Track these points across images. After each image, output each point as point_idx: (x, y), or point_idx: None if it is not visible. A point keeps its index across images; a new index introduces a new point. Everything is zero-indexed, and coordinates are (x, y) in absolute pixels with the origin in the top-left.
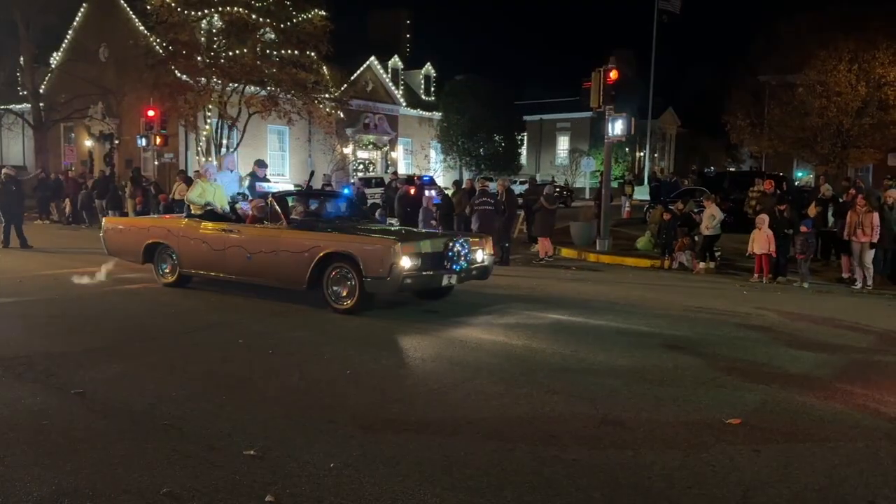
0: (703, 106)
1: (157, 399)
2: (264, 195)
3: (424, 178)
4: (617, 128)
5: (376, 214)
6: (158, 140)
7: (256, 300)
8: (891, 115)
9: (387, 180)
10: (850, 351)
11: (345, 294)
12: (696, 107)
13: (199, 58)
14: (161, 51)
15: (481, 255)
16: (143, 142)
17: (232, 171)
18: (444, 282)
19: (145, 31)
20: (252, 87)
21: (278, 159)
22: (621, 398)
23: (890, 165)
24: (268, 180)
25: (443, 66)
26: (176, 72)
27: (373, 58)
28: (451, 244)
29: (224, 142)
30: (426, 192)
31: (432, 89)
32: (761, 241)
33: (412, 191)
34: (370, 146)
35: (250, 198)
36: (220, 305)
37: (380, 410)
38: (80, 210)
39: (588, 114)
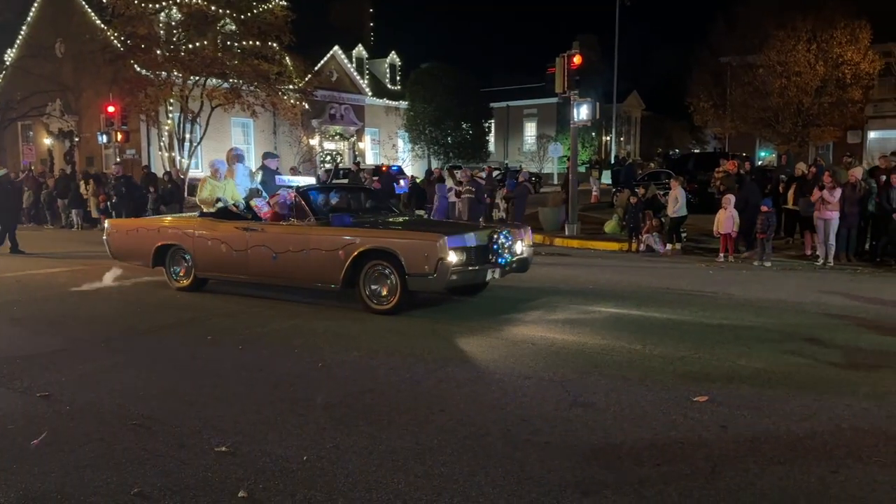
0: (666, 89)
1: (125, 399)
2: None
3: (393, 168)
4: (582, 112)
5: None
6: (119, 136)
7: (224, 296)
8: (849, 94)
9: (354, 171)
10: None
11: (385, 293)
12: (659, 90)
13: (158, 51)
14: (119, 45)
15: (520, 247)
16: (104, 139)
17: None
18: (489, 276)
19: (102, 26)
20: (214, 80)
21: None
22: (591, 380)
23: (850, 143)
24: (279, 172)
25: (408, 55)
26: (135, 66)
27: (336, 47)
28: (495, 236)
29: (187, 136)
30: (399, 183)
31: (398, 78)
32: (726, 221)
33: (377, 184)
34: (337, 137)
35: (263, 193)
36: (188, 302)
37: (353, 401)
38: (43, 210)
39: (554, 99)
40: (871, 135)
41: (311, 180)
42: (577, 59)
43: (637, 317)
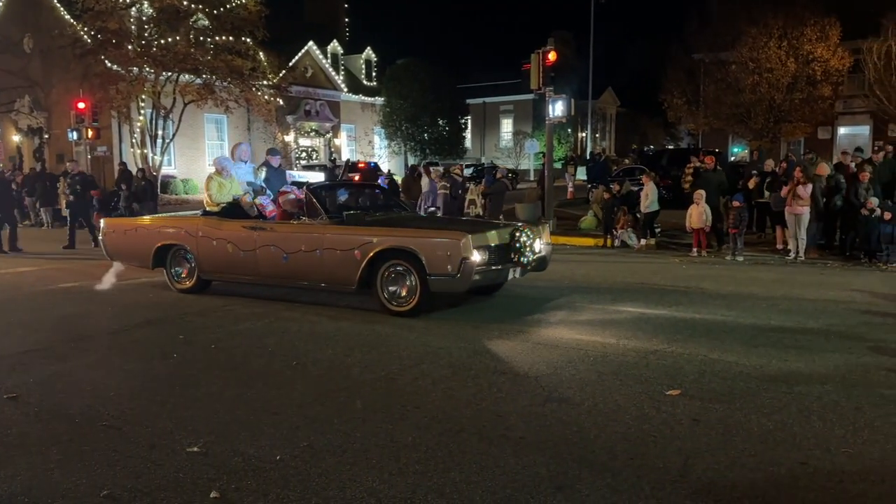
0: (641, 85)
1: (95, 399)
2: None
3: (370, 165)
4: (557, 109)
5: None
6: (90, 133)
7: (197, 295)
8: (819, 90)
9: (329, 167)
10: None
11: (404, 294)
12: (634, 86)
13: (129, 46)
14: (89, 40)
15: (539, 245)
16: (75, 135)
17: (246, 162)
18: (510, 276)
19: (71, 21)
20: (186, 76)
21: (217, 149)
22: (565, 374)
23: (820, 139)
24: (283, 169)
25: (384, 51)
26: (106, 62)
27: (311, 43)
28: (517, 234)
29: (160, 133)
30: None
31: (374, 74)
32: (698, 216)
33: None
34: (312, 133)
35: (268, 191)
36: (159, 301)
37: (327, 399)
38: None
39: (530, 96)
40: (841, 130)
41: (321, 177)
42: (552, 56)
43: (611, 311)
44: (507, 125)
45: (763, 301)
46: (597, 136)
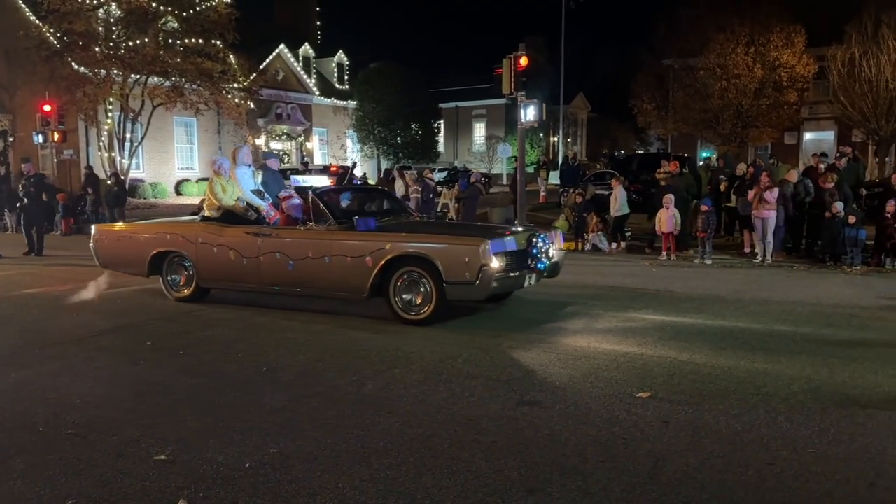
0: (611, 91)
1: (60, 407)
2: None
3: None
4: (529, 114)
5: None
6: (56, 136)
7: (166, 300)
8: (785, 96)
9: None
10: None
11: (419, 302)
12: (605, 92)
13: (97, 48)
14: (55, 42)
15: (552, 250)
16: (40, 138)
17: (249, 165)
18: (527, 283)
19: (37, 22)
20: (155, 78)
21: (186, 152)
22: (537, 378)
23: (787, 144)
24: (281, 173)
25: (356, 54)
26: (73, 64)
27: (282, 46)
28: (534, 240)
29: (128, 136)
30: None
31: (346, 77)
32: (668, 220)
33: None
34: (284, 136)
35: (266, 195)
36: (127, 307)
37: (297, 406)
38: None
39: (503, 100)
40: (807, 136)
41: (325, 180)
42: (523, 61)
43: (583, 315)
44: (480, 129)
45: (731, 304)
46: (569, 140)
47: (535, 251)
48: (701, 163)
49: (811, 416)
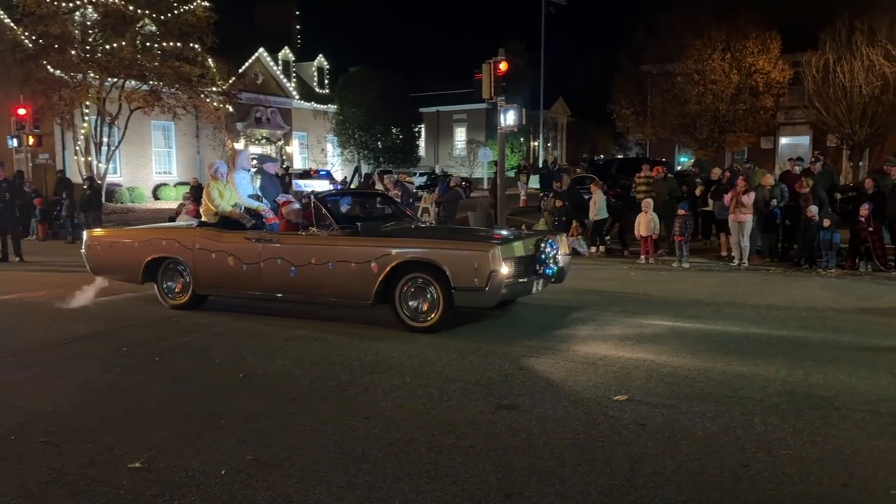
0: (590, 96)
1: (31, 416)
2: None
3: (321, 173)
4: (509, 118)
5: None
6: (31, 140)
7: (143, 305)
8: (761, 101)
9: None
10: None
11: (426, 309)
12: (584, 97)
13: (73, 52)
14: (30, 44)
15: (559, 256)
16: (15, 142)
17: (249, 170)
18: (535, 289)
19: (11, 24)
20: (133, 82)
21: (164, 156)
22: (515, 382)
23: (763, 148)
24: (278, 177)
25: (336, 58)
26: (48, 67)
27: (262, 49)
28: (542, 245)
29: (105, 140)
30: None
31: (326, 82)
32: (646, 224)
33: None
34: (263, 141)
35: (264, 200)
36: (102, 313)
37: (274, 412)
38: None
39: (483, 105)
40: (783, 140)
41: (326, 184)
42: (503, 66)
43: (562, 318)
44: (460, 134)
45: (708, 307)
46: (548, 145)
47: (543, 257)
48: (679, 168)
49: (786, 418)
